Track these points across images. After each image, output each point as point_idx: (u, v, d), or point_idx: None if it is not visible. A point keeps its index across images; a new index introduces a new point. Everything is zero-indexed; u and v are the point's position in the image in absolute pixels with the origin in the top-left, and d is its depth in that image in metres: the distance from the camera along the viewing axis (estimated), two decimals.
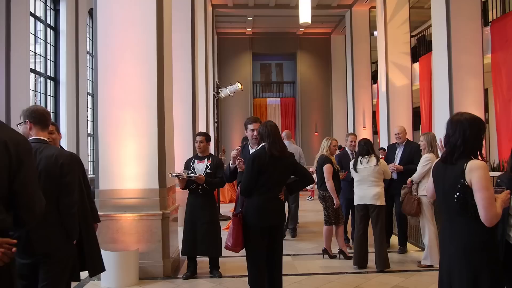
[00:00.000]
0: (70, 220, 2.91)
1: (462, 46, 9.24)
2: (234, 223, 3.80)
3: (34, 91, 9.49)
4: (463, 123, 2.53)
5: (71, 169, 2.96)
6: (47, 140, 3.07)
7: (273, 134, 3.81)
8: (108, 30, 5.31)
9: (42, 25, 9.86)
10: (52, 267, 2.96)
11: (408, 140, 6.47)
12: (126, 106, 5.24)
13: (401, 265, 5.69)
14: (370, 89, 17.36)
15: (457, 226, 2.50)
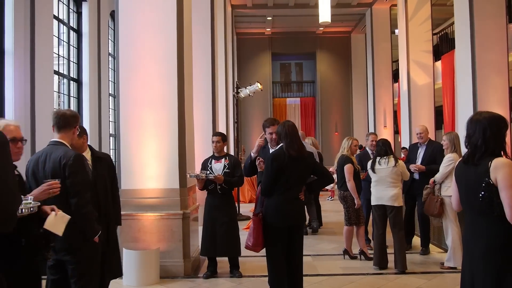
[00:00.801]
0: (82, 220, 2.95)
1: (486, 43, 9.05)
2: (254, 223, 3.81)
3: (58, 93, 9.68)
4: (482, 122, 2.48)
5: (75, 170, 2.98)
6: (62, 142, 3.12)
7: (291, 134, 3.81)
8: (130, 32, 5.38)
9: (65, 28, 10.06)
10: (77, 265, 3.04)
11: (430, 139, 6.36)
12: (147, 106, 5.30)
13: (423, 266, 5.61)
14: (391, 88, 17.16)
15: (481, 226, 2.46)
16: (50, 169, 2.99)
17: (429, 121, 12.73)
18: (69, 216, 2.70)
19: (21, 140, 2.56)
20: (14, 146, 2.49)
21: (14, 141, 2.50)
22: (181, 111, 5.33)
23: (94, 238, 3.08)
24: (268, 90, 19.98)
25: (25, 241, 2.42)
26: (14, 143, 2.49)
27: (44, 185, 2.61)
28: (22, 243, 2.41)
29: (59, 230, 2.63)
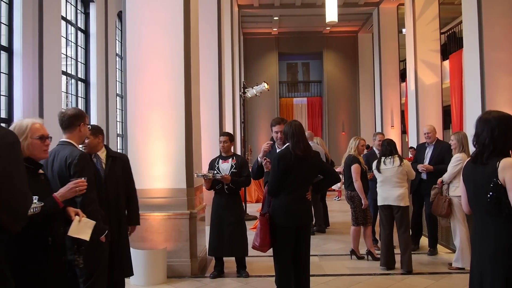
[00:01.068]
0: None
1: (494, 42, 8.97)
2: (261, 223, 3.81)
3: (66, 93, 9.74)
4: (491, 121, 2.47)
5: (79, 169, 2.98)
6: (69, 141, 3.15)
7: (297, 133, 3.80)
8: (137, 32, 5.40)
9: (73, 29, 10.12)
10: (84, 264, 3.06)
11: (438, 139, 6.33)
12: (154, 106, 5.32)
13: (431, 267, 5.58)
14: (398, 87, 17.08)
15: (489, 227, 2.44)
16: (57, 169, 3.02)
17: (437, 120, 12.66)
18: (94, 222, 2.71)
19: (48, 138, 2.59)
20: (43, 144, 2.53)
21: (42, 138, 2.53)
22: (188, 111, 5.35)
23: (101, 237, 3.10)
24: (274, 90, 19.97)
25: (52, 240, 2.46)
26: (42, 141, 2.53)
27: (71, 184, 2.65)
28: (49, 242, 2.45)
29: (85, 236, 2.64)
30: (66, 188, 2.62)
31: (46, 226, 2.44)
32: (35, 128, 2.52)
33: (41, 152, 2.54)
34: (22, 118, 2.65)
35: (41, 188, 2.51)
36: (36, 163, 2.54)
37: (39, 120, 2.64)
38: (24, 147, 2.45)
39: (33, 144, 2.49)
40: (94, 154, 3.73)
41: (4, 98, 7.14)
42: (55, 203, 2.50)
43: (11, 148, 1.88)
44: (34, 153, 2.50)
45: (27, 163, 2.45)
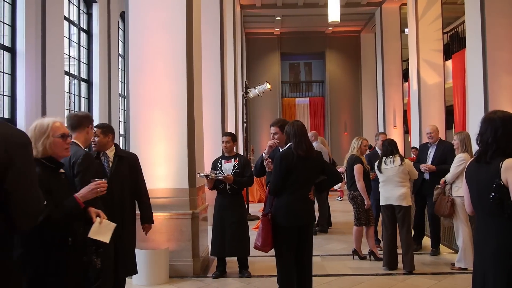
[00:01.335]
0: None
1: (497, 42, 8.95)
2: (263, 223, 3.81)
3: (69, 93, 9.76)
4: (496, 121, 2.46)
5: (83, 168, 3.00)
6: (75, 142, 3.17)
7: (300, 134, 3.80)
8: (139, 32, 5.41)
9: (76, 29, 10.14)
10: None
11: (440, 139, 6.32)
12: (157, 106, 5.33)
13: (433, 267, 5.57)
14: (401, 87, 17.06)
15: (492, 227, 2.43)
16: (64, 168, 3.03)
17: (440, 120, 12.63)
18: (114, 224, 2.71)
19: (69, 136, 2.60)
20: (64, 142, 2.53)
21: (64, 137, 2.53)
22: (191, 111, 5.35)
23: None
24: (277, 90, 19.97)
25: (72, 240, 2.46)
26: (63, 139, 2.53)
27: (92, 185, 2.63)
28: (69, 242, 2.45)
29: (105, 238, 2.63)
30: (87, 189, 2.61)
31: (67, 226, 2.45)
32: (56, 126, 2.52)
33: (63, 150, 2.54)
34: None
35: (62, 187, 2.53)
36: (57, 162, 2.54)
37: (59, 119, 2.64)
38: (47, 145, 2.46)
39: (55, 143, 2.49)
40: (102, 152, 3.75)
41: (7, 98, 7.16)
42: (76, 203, 2.51)
43: (24, 150, 1.87)
44: (56, 152, 2.51)
45: (48, 162, 2.47)
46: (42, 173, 2.38)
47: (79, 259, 2.55)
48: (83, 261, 2.57)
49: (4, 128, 1.84)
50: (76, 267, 2.52)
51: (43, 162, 2.46)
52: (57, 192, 2.44)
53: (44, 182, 2.36)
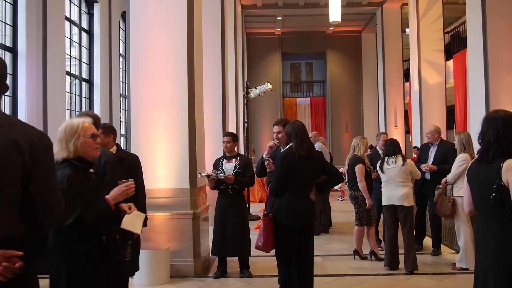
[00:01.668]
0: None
1: (498, 42, 8.93)
2: (264, 223, 3.81)
3: (70, 93, 9.77)
4: (498, 120, 2.46)
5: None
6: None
7: (300, 134, 3.80)
8: (140, 33, 5.41)
9: (77, 29, 10.15)
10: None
11: (442, 139, 6.31)
12: (158, 106, 5.33)
13: (434, 267, 5.57)
14: (402, 87, 17.03)
15: (493, 227, 2.43)
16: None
17: (441, 120, 12.61)
18: (144, 214, 2.73)
19: (98, 136, 2.62)
20: (94, 142, 2.55)
21: (94, 137, 2.55)
22: (192, 111, 5.35)
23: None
24: (278, 90, 19.96)
25: (106, 239, 2.49)
26: (94, 139, 2.54)
27: (122, 186, 2.65)
28: (103, 241, 2.48)
29: (137, 229, 2.65)
30: (118, 191, 2.62)
31: (100, 226, 2.48)
32: (86, 127, 2.54)
33: (93, 150, 2.56)
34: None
35: (93, 187, 2.55)
36: (87, 162, 2.56)
37: (88, 119, 2.66)
38: (78, 146, 2.47)
39: (86, 143, 2.51)
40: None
41: (8, 98, 7.16)
42: (108, 206, 2.53)
43: (48, 152, 1.87)
44: (87, 152, 2.53)
45: (79, 162, 2.49)
46: (73, 174, 2.43)
47: (113, 256, 2.58)
48: (116, 258, 2.61)
49: (29, 130, 1.85)
50: (110, 264, 2.55)
51: (74, 163, 2.48)
52: (87, 191, 2.47)
53: (75, 182, 2.41)
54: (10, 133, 1.76)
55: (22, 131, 1.80)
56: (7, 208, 1.72)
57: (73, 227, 2.35)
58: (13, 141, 1.74)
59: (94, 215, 2.44)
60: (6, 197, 1.72)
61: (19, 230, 1.75)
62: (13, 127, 1.79)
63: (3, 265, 1.66)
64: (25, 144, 1.76)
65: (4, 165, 1.72)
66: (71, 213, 2.33)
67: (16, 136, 1.76)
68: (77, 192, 2.41)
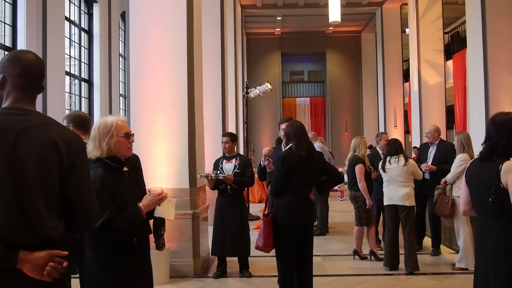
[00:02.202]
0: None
1: (498, 42, 8.94)
2: (264, 224, 3.81)
3: (69, 93, 9.77)
4: (509, 122, 2.45)
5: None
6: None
7: (300, 134, 3.80)
8: (140, 32, 5.41)
9: (77, 29, 10.15)
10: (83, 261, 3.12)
11: (441, 139, 6.31)
12: (158, 106, 5.33)
13: (434, 267, 5.57)
14: (401, 87, 17.04)
15: (492, 228, 2.43)
16: None
17: (440, 120, 12.62)
18: (175, 199, 2.69)
19: (132, 135, 2.58)
20: (127, 141, 2.51)
21: (127, 136, 2.52)
22: (191, 111, 5.35)
23: None
24: (277, 90, 19.96)
25: (137, 241, 2.46)
26: (127, 138, 2.51)
27: (155, 195, 2.54)
28: (134, 243, 2.45)
29: (170, 215, 2.61)
30: (151, 199, 2.51)
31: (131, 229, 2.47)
32: (119, 125, 2.50)
33: (127, 149, 2.53)
34: (105, 117, 2.61)
35: (126, 186, 2.50)
36: (121, 161, 2.51)
37: (122, 118, 2.62)
38: (111, 145, 2.44)
39: (119, 142, 2.47)
40: None
41: None
42: (139, 215, 2.45)
43: (83, 154, 1.88)
44: (120, 151, 2.49)
45: (112, 162, 2.46)
46: (105, 174, 2.40)
47: (143, 257, 2.55)
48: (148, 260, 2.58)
49: (66, 131, 1.85)
50: (143, 267, 2.53)
51: (107, 162, 2.44)
52: (119, 192, 2.42)
53: (108, 182, 2.38)
54: (50, 133, 1.76)
55: (60, 132, 1.80)
56: (47, 209, 1.71)
57: (102, 228, 2.31)
58: (52, 141, 1.74)
59: (124, 222, 2.38)
60: (45, 197, 1.71)
61: (59, 230, 1.74)
62: (52, 128, 1.79)
63: (50, 265, 1.65)
64: (63, 145, 1.75)
65: (44, 164, 1.71)
66: (101, 214, 2.26)
67: (55, 136, 1.76)
68: (108, 193, 2.36)
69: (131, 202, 2.46)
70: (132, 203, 2.45)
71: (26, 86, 1.80)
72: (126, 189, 2.48)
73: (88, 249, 2.39)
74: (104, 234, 2.33)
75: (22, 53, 1.85)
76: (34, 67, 1.82)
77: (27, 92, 1.82)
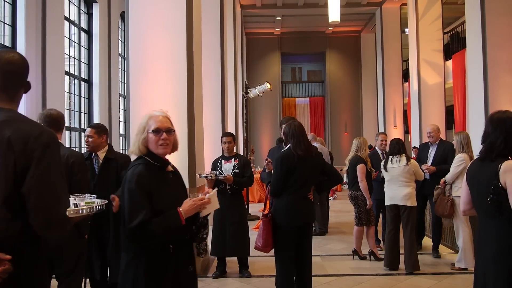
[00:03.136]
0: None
1: (497, 42, 8.95)
2: (264, 224, 3.81)
3: (69, 93, 9.77)
4: (506, 121, 2.45)
5: (83, 168, 3.04)
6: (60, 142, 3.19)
7: (298, 134, 3.80)
8: (139, 32, 5.40)
9: (76, 29, 10.14)
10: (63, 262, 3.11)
11: (441, 139, 6.30)
12: (157, 106, 5.23)
13: (434, 267, 5.57)
14: (401, 87, 17.06)
15: (491, 228, 2.43)
16: None
17: (440, 120, 12.63)
18: (215, 189, 2.52)
19: (165, 131, 2.36)
20: (158, 138, 2.32)
21: (157, 132, 2.34)
22: (191, 111, 5.35)
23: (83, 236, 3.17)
24: (277, 90, 19.97)
25: (173, 248, 2.26)
26: (157, 135, 2.33)
27: (197, 200, 2.29)
28: (170, 250, 2.25)
29: (216, 206, 2.43)
30: (192, 204, 2.27)
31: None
32: (152, 120, 2.36)
33: (157, 147, 2.31)
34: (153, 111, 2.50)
35: (168, 188, 2.32)
36: (162, 160, 2.34)
37: (159, 112, 2.45)
38: (143, 142, 2.32)
39: (148, 139, 2.32)
40: (94, 153, 3.76)
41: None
42: (178, 220, 2.21)
43: (45, 149, 1.74)
44: (151, 148, 2.32)
45: (153, 160, 2.31)
46: (143, 173, 2.24)
47: (182, 265, 2.30)
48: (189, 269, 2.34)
49: (28, 127, 1.76)
50: (182, 274, 2.30)
51: (147, 160, 2.30)
52: (158, 193, 2.23)
53: (145, 182, 2.21)
54: (4, 131, 1.71)
55: (19, 129, 1.72)
56: None
57: (136, 231, 2.14)
58: (6, 139, 1.69)
59: (161, 227, 2.17)
60: None
61: (11, 231, 1.67)
62: (10, 124, 1.73)
63: None
64: (19, 142, 1.69)
65: None
66: (135, 216, 2.13)
67: (10, 134, 1.70)
68: (144, 193, 2.18)
69: (172, 205, 2.25)
70: (172, 206, 2.24)
71: (2, 83, 1.78)
72: (168, 191, 2.29)
73: (123, 253, 2.27)
74: (137, 237, 2.17)
75: (2, 52, 1.83)
76: (12, 65, 1.79)
77: (2, 89, 1.79)
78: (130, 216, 2.15)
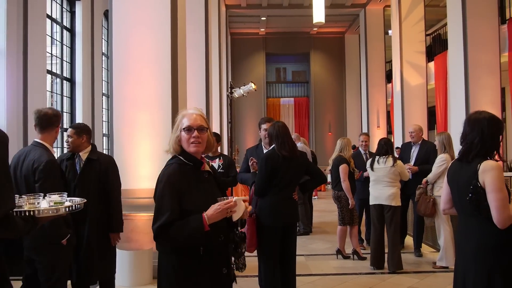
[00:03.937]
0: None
1: (478, 44, 9.11)
2: (248, 224, 3.80)
3: (51, 92, 9.62)
4: (482, 121, 2.48)
5: (44, 176, 2.95)
6: (42, 143, 3.15)
7: (282, 134, 3.81)
8: (123, 31, 5.36)
9: (59, 27, 10.00)
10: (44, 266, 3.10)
11: (423, 139, 6.39)
12: (141, 106, 5.28)
13: (416, 266, 5.64)
14: (384, 88, 17.23)
15: (472, 227, 2.47)
16: (24, 170, 3.04)
17: (422, 121, 12.79)
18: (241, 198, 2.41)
19: (197, 129, 2.25)
20: (190, 136, 2.24)
21: (189, 130, 2.25)
22: (175, 111, 5.32)
23: (62, 240, 3.10)
24: (262, 90, 19.99)
25: (203, 250, 2.17)
26: (189, 133, 2.25)
27: (222, 204, 2.16)
28: (200, 252, 2.16)
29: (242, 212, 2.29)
30: (217, 209, 2.14)
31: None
32: (185, 119, 2.29)
33: (189, 145, 2.25)
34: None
35: (202, 187, 2.24)
36: (196, 159, 2.27)
37: (193, 110, 2.37)
38: (177, 140, 2.28)
39: (181, 137, 2.28)
40: (76, 154, 3.71)
41: None
42: (200, 226, 2.10)
43: None
44: (184, 147, 2.27)
45: (187, 160, 2.26)
46: (175, 172, 2.21)
47: (214, 268, 2.22)
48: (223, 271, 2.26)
49: None
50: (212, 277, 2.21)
51: (180, 159, 2.26)
52: (189, 194, 2.17)
53: (175, 182, 2.17)
54: None
55: None
56: None
57: (158, 232, 2.11)
58: None
59: (181, 231, 2.10)
60: None
61: None
62: None
63: None
64: None
65: None
66: (159, 217, 2.11)
67: None
68: (172, 194, 2.14)
69: (204, 205, 2.16)
70: (205, 207, 2.15)
71: None
72: (201, 191, 2.22)
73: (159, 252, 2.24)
74: (159, 239, 2.14)
75: None
76: None
77: None
78: (154, 217, 2.16)
